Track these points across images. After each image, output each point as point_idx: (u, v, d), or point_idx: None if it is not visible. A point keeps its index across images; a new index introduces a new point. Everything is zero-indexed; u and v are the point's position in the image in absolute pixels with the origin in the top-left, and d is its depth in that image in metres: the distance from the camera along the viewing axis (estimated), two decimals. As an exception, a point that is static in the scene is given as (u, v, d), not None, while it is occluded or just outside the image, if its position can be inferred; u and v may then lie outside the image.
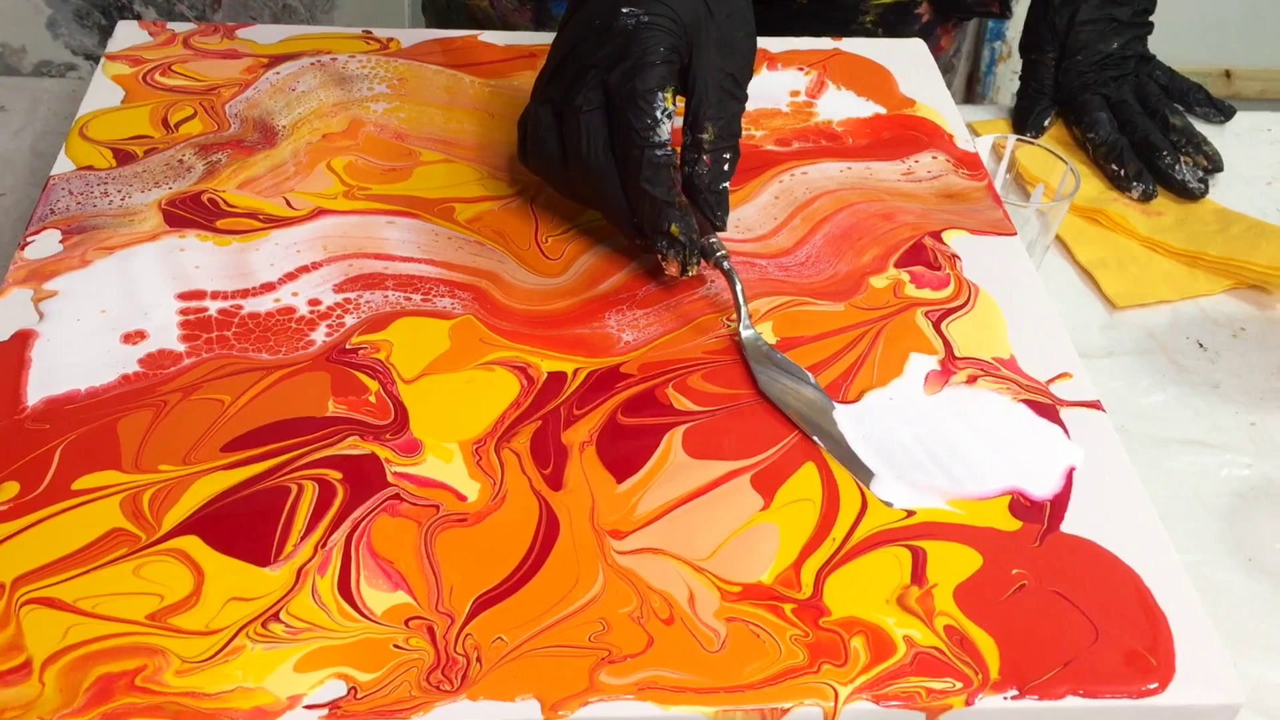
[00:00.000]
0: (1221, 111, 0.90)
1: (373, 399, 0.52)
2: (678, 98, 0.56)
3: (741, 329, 0.55)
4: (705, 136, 0.57)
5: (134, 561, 0.45)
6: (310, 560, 0.46)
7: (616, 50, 0.55)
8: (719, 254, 0.56)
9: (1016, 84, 0.90)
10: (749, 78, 0.60)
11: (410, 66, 0.73)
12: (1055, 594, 0.47)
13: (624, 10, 0.56)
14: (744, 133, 0.69)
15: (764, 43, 0.77)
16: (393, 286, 0.58)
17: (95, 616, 0.43)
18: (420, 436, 0.51)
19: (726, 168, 0.58)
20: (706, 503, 0.49)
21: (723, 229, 0.58)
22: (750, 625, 0.45)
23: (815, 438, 0.51)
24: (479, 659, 0.43)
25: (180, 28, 0.74)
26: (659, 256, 0.56)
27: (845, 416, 0.52)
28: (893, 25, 0.92)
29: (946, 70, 0.96)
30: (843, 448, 0.51)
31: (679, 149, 0.57)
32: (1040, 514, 0.50)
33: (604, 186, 0.56)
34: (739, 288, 0.56)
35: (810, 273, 0.61)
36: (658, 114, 0.54)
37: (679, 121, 0.57)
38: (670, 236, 0.55)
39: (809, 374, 0.54)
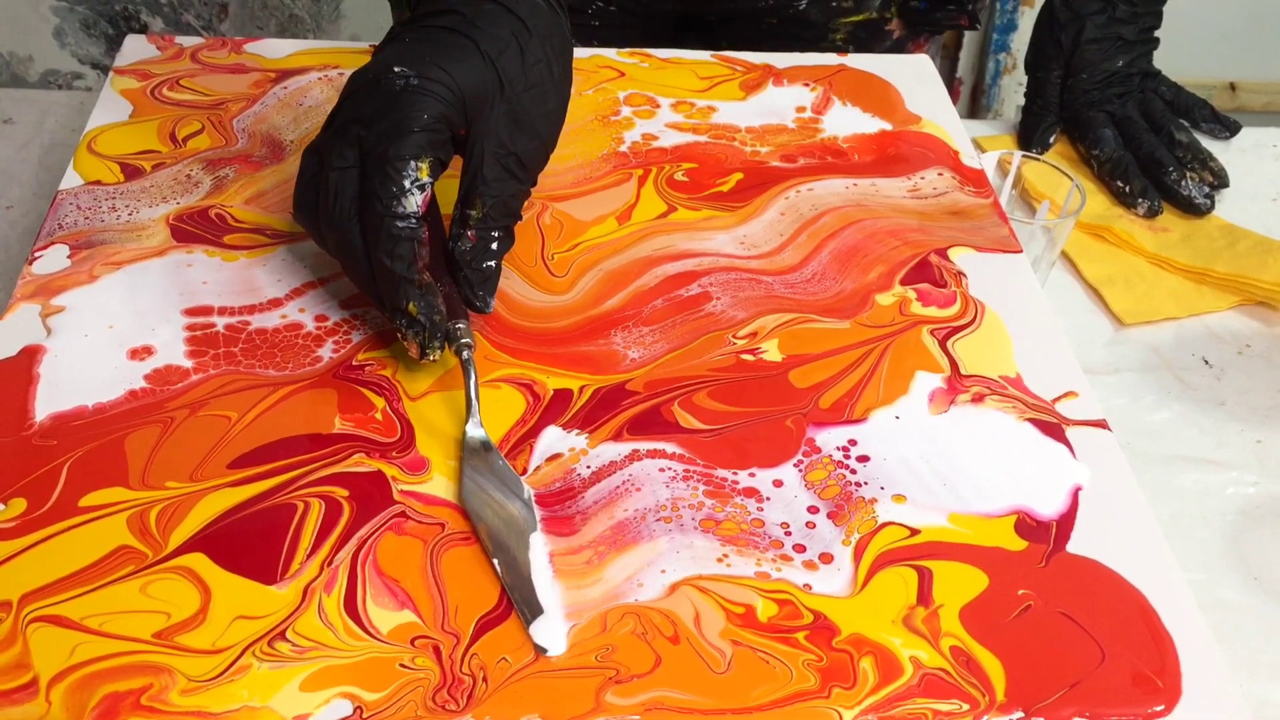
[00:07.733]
0: (1227, 127, 0.90)
1: (379, 416, 0.52)
2: (442, 170, 0.53)
3: (469, 428, 0.51)
4: (473, 213, 0.54)
5: (141, 579, 0.45)
6: (317, 578, 0.46)
7: (379, 110, 0.52)
8: (462, 340, 0.52)
9: (1021, 97, 0.90)
10: (541, 161, 0.57)
11: (417, 81, 0.73)
12: (1061, 615, 0.47)
13: (395, 69, 0.52)
14: (750, 149, 0.70)
15: (769, 58, 0.77)
16: (399, 303, 0.58)
17: (102, 634, 0.43)
18: (426, 454, 0.51)
19: (495, 247, 0.55)
20: (712, 521, 0.49)
21: (485, 311, 0.55)
22: (759, 653, 0.45)
23: (494, 560, 0.46)
24: (485, 679, 0.43)
25: (188, 42, 0.74)
26: (399, 335, 0.52)
27: (539, 544, 0.48)
28: (863, 42, 0.92)
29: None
30: (522, 577, 0.46)
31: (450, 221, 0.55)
32: (1046, 534, 0.50)
33: (349, 251, 0.52)
34: (473, 383, 0.52)
35: (816, 289, 0.61)
36: (405, 183, 0.51)
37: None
38: (408, 315, 0.51)
39: (526, 488, 0.49)
